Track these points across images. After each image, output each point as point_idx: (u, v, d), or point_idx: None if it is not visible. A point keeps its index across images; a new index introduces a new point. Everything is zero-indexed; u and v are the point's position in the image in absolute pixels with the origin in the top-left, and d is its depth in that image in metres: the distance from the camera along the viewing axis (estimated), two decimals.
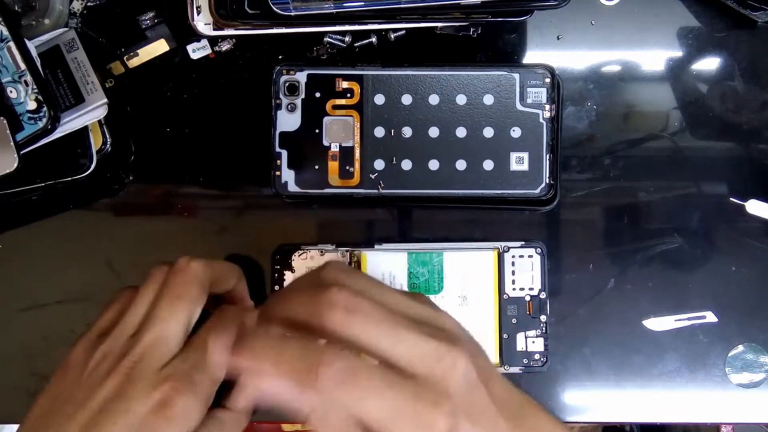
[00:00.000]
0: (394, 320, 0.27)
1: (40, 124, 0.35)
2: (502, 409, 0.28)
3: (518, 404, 0.29)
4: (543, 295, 0.39)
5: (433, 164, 0.39)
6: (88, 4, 0.40)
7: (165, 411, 0.29)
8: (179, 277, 0.32)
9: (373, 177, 0.39)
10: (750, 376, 0.41)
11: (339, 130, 0.39)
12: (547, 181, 0.39)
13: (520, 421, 0.28)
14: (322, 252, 0.40)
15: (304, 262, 0.39)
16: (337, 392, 0.25)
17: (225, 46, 0.41)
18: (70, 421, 0.29)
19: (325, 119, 0.39)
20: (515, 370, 0.39)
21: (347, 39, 0.41)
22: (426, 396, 0.26)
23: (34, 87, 0.34)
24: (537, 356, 0.39)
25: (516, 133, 0.39)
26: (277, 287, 0.39)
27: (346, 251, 0.40)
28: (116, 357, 0.31)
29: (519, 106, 0.39)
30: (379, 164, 0.39)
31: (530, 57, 0.42)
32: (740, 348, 0.41)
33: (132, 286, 0.33)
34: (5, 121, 0.34)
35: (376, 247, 0.40)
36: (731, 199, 0.41)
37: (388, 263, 0.39)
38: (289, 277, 0.39)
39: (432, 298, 0.39)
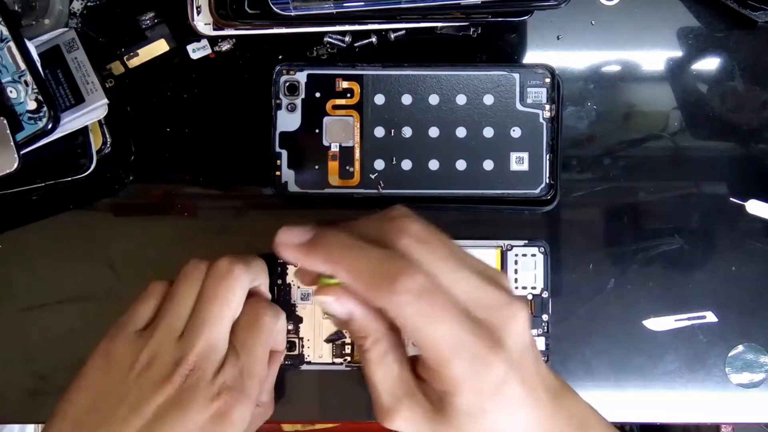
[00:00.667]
0: (460, 260, 0.27)
1: (40, 124, 0.35)
2: (545, 379, 0.29)
3: (556, 382, 0.30)
4: (545, 295, 0.39)
5: (433, 164, 0.39)
6: (88, 4, 0.40)
7: (223, 420, 0.30)
8: (224, 281, 0.32)
9: (373, 177, 0.39)
10: (750, 376, 0.41)
11: (339, 130, 0.39)
12: (547, 181, 0.39)
13: (558, 397, 0.29)
14: None
15: None
16: (409, 307, 0.25)
17: (225, 46, 0.41)
18: (125, 425, 0.29)
19: (325, 119, 0.39)
20: None
21: (347, 39, 0.41)
22: (486, 339, 0.26)
23: (34, 87, 0.34)
24: None
25: (516, 133, 0.39)
26: (279, 281, 0.39)
27: None
28: (168, 363, 0.30)
29: (519, 106, 0.39)
30: (379, 164, 0.39)
31: (530, 57, 0.42)
32: (740, 348, 0.41)
33: (163, 280, 0.34)
34: (5, 121, 0.34)
35: None
36: (731, 199, 0.41)
37: None
38: (292, 273, 0.39)
39: None
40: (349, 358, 0.39)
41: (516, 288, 0.39)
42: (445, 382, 0.26)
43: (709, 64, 0.42)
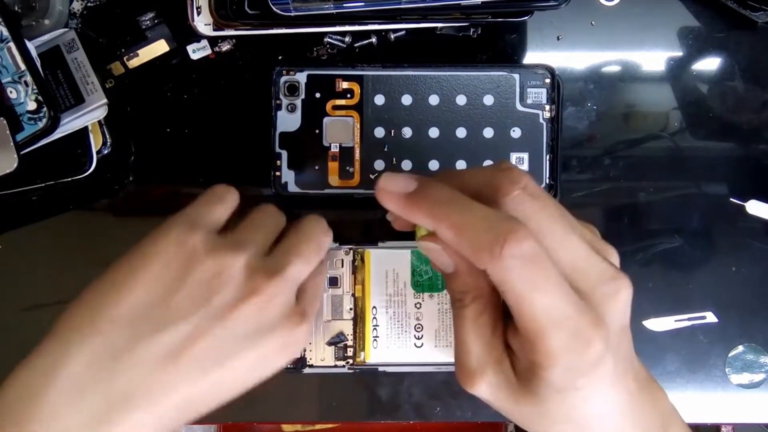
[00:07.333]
0: (569, 224, 0.26)
1: (40, 125, 0.35)
2: (635, 368, 0.27)
3: (646, 374, 0.28)
4: None
5: (434, 165, 0.39)
6: (88, 4, 0.40)
7: (294, 338, 0.30)
8: (316, 237, 0.33)
9: (373, 177, 0.39)
10: (750, 376, 0.41)
11: (339, 131, 0.39)
12: (547, 182, 0.39)
13: (644, 390, 0.27)
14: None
15: None
16: (514, 273, 0.23)
17: (225, 47, 0.41)
18: (201, 330, 0.28)
19: (325, 120, 0.39)
20: None
21: (347, 39, 0.41)
22: (588, 314, 0.24)
23: (34, 87, 0.34)
24: None
25: (516, 133, 0.39)
26: None
27: (350, 249, 0.40)
28: (259, 274, 0.29)
29: (519, 107, 0.39)
30: (379, 164, 0.39)
31: (530, 57, 0.42)
32: (740, 348, 0.41)
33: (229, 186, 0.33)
34: (5, 122, 0.34)
35: (380, 244, 0.40)
36: (731, 199, 0.41)
37: (391, 261, 0.39)
38: None
39: (435, 296, 0.39)
40: (351, 361, 0.39)
41: None
42: (540, 354, 0.24)
43: (709, 64, 0.42)
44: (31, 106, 0.34)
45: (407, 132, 0.39)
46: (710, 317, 0.41)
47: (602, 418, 0.26)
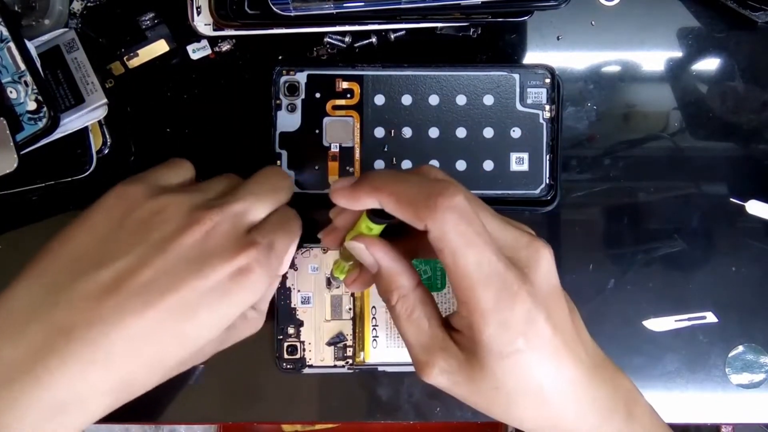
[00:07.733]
0: (483, 203, 0.28)
1: (40, 125, 0.35)
2: (585, 342, 0.28)
3: (600, 352, 0.29)
4: None
5: (433, 165, 0.39)
6: (88, 4, 0.40)
7: (244, 276, 0.28)
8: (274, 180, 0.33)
9: None
10: (750, 376, 0.41)
11: (339, 131, 0.39)
12: (547, 182, 0.39)
13: (602, 366, 0.29)
14: (325, 250, 0.39)
15: (307, 260, 0.39)
16: (450, 225, 0.26)
17: (225, 47, 0.41)
18: (142, 262, 0.27)
19: (325, 120, 0.39)
20: None
21: (347, 39, 0.41)
22: (514, 271, 0.26)
23: (34, 87, 0.34)
24: None
25: (516, 133, 0.39)
26: (279, 285, 0.39)
27: None
28: (200, 209, 0.29)
29: (519, 107, 0.39)
30: (379, 164, 0.39)
31: (530, 57, 0.42)
32: (740, 348, 0.41)
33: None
34: (5, 122, 0.34)
35: None
36: (731, 199, 0.41)
37: None
38: (292, 276, 0.39)
39: (435, 295, 0.39)
40: (350, 361, 0.39)
41: None
42: (475, 314, 0.26)
43: (709, 64, 0.42)
44: (31, 106, 0.34)
45: (407, 132, 0.39)
46: (710, 317, 0.41)
47: (555, 392, 0.27)
